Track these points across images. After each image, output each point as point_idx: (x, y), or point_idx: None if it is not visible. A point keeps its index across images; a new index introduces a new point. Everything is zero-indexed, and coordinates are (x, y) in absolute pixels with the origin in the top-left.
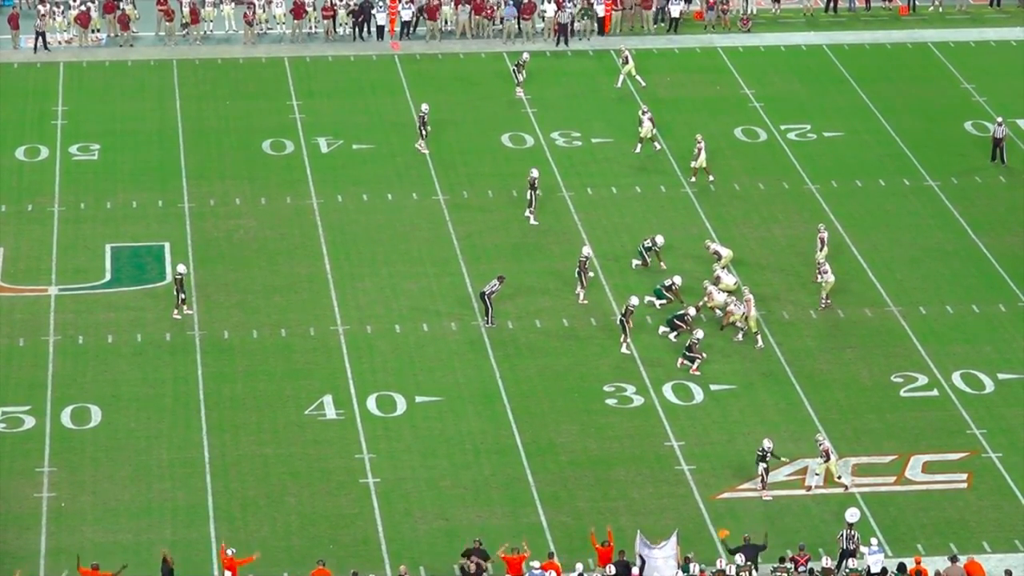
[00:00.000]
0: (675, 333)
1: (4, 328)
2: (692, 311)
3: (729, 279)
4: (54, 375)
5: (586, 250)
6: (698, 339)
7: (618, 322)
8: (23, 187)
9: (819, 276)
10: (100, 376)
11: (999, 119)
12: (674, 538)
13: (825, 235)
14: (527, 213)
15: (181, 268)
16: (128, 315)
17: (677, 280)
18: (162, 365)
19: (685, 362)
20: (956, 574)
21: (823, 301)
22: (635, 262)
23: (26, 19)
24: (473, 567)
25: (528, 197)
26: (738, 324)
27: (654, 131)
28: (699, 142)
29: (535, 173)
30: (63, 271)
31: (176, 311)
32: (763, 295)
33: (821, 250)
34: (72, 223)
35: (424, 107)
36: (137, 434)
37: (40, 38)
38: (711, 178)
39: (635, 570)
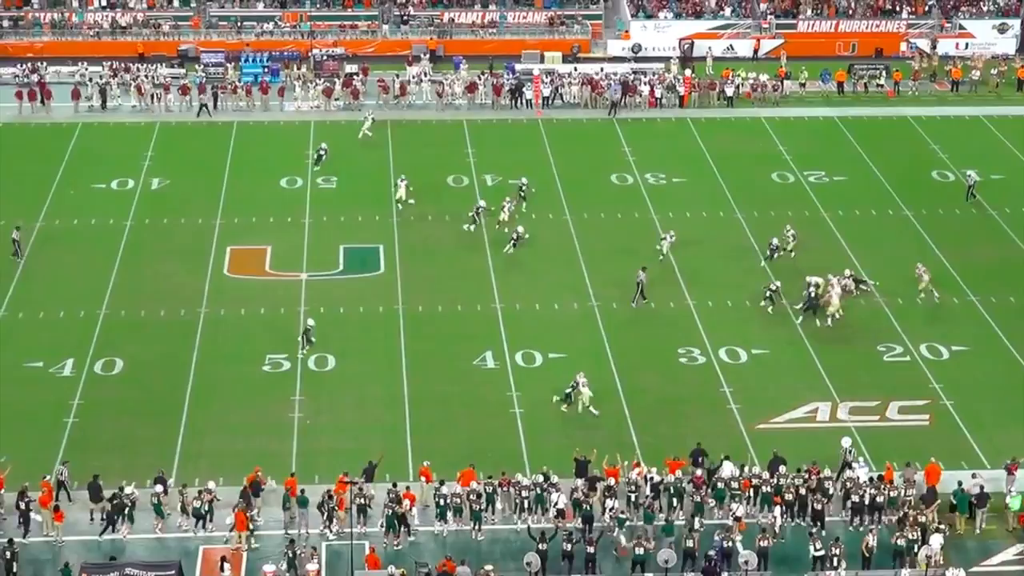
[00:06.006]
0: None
1: (271, 302)
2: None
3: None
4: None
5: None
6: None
7: (767, 297)
8: (284, 205)
9: (921, 277)
10: (340, 333)
11: (972, 171)
12: None
13: (847, 281)
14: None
15: (310, 321)
16: (354, 294)
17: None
18: (376, 328)
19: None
20: (910, 475)
21: (933, 294)
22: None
23: (289, 91)
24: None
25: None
26: (836, 314)
27: (408, 192)
28: (505, 203)
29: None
30: (311, 263)
31: (301, 350)
32: (794, 293)
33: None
34: (317, 230)
35: (524, 180)
36: (360, 375)
37: (297, 104)
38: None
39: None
